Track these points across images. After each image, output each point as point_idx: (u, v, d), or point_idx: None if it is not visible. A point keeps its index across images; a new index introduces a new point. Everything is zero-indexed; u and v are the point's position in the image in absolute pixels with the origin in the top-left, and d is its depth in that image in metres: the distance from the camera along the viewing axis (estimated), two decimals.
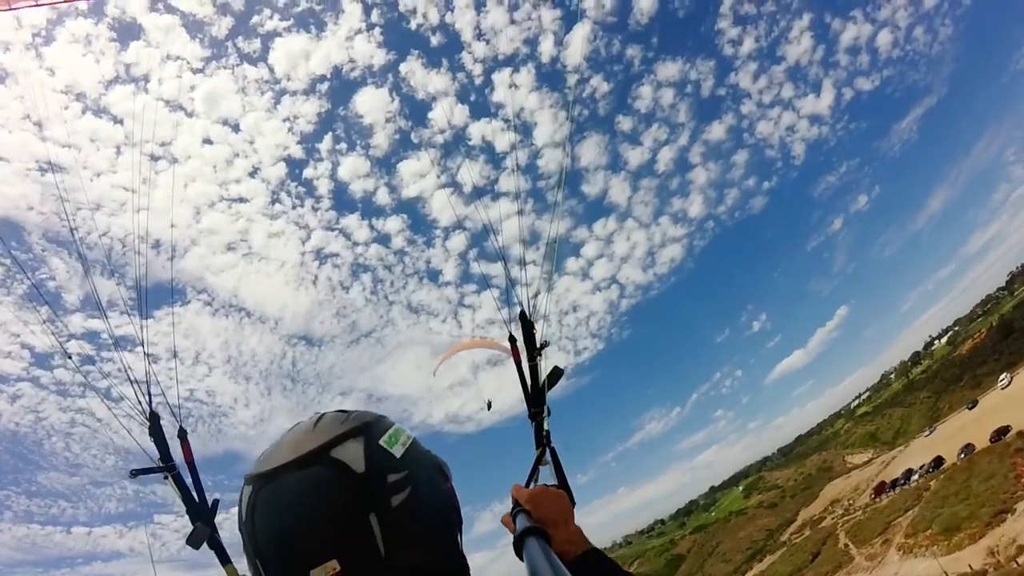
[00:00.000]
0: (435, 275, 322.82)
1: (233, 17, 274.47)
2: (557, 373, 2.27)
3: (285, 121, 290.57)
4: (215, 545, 2.38)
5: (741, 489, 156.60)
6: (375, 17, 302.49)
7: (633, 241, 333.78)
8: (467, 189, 2.93)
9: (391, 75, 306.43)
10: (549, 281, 2.49)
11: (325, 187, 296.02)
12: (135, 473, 2.51)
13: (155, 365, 2.77)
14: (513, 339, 2.33)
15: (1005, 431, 62.47)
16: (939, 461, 73.87)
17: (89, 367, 3.06)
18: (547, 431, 2.08)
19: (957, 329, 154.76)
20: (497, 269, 2.54)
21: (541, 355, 2.31)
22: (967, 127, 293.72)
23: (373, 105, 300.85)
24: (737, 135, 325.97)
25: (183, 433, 2.66)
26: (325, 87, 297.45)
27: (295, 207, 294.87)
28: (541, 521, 1.23)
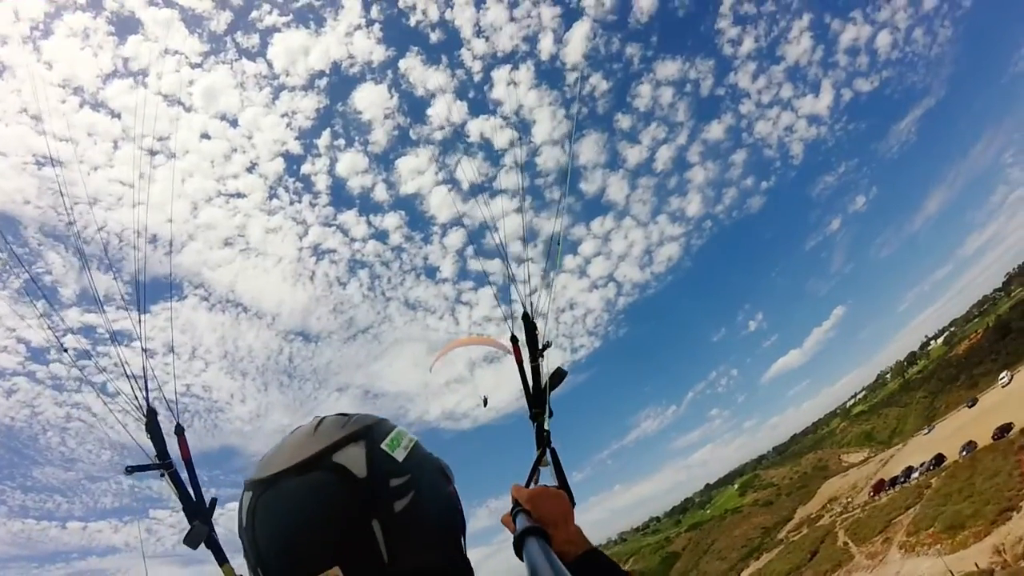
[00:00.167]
0: (432, 272, 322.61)
1: (232, 12, 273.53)
2: (560, 375, 2.19)
3: (283, 116, 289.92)
4: (212, 544, 2.34)
5: (737, 487, 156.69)
6: (374, 13, 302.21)
7: (631, 239, 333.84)
8: (465, 186, 2.88)
9: (390, 71, 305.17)
10: (551, 277, 2.44)
11: (323, 183, 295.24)
12: (131, 470, 2.45)
13: (152, 360, 2.72)
14: (515, 338, 2.26)
15: (1008, 428, 62.02)
16: (940, 459, 73.04)
17: (85, 362, 3.01)
18: (548, 431, 2.05)
19: (953, 330, 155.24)
20: (495, 266, 2.50)
21: (543, 356, 2.24)
22: (965, 129, 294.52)
23: (372, 101, 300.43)
24: (736, 135, 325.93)
25: (180, 429, 2.59)
26: (324, 83, 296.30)
27: (293, 203, 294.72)
28: (541, 521, 1.21)
